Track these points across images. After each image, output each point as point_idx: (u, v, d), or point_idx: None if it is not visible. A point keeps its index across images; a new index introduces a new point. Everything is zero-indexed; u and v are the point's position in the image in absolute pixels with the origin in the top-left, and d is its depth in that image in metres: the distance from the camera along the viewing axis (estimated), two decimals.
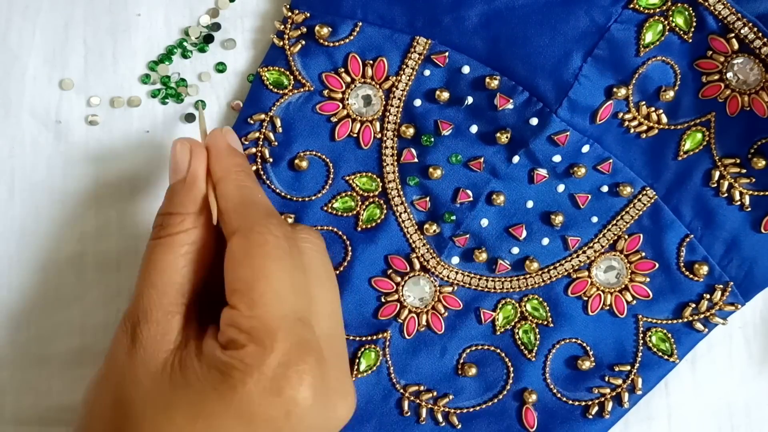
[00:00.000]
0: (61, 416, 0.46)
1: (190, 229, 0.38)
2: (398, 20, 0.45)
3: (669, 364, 0.46)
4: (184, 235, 0.38)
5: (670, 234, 0.46)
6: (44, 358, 0.46)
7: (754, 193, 0.45)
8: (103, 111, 0.47)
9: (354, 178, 0.46)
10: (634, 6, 0.43)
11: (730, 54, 0.43)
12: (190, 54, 0.47)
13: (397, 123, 0.45)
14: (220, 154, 0.40)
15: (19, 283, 0.46)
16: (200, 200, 0.39)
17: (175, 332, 0.37)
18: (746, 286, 0.46)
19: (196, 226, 0.38)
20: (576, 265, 0.46)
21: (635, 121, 0.45)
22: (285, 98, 0.45)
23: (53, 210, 0.46)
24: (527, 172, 0.45)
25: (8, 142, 0.46)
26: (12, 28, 0.46)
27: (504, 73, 0.44)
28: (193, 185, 0.39)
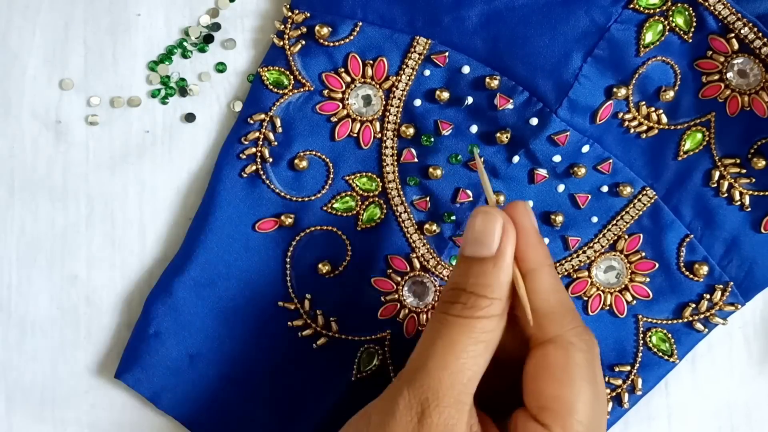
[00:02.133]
0: (59, 415, 0.46)
1: (495, 316, 0.35)
2: (398, 20, 0.45)
3: (669, 364, 0.46)
4: (487, 321, 0.35)
5: (670, 234, 0.46)
6: (46, 358, 0.46)
7: (754, 193, 0.45)
8: (103, 111, 0.47)
9: (354, 178, 0.46)
10: (634, 6, 0.43)
11: (730, 54, 0.43)
12: (190, 54, 0.47)
13: (397, 123, 0.45)
14: (531, 238, 0.36)
15: (19, 283, 0.46)
16: (508, 286, 0.35)
17: (464, 424, 0.34)
18: (746, 286, 0.46)
19: (502, 314, 0.35)
20: (576, 265, 0.46)
21: (635, 121, 0.45)
22: (285, 98, 0.45)
23: (53, 210, 0.46)
24: (527, 172, 0.45)
25: (8, 142, 0.46)
26: (12, 28, 0.46)
27: (504, 73, 0.44)
28: (503, 268, 0.35)
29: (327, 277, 0.46)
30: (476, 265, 0.35)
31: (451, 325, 0.35)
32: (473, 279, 0.35)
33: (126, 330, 0.46)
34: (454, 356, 0.34)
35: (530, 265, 0.36)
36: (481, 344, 0.35)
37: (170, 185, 0.47)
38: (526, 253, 0.36)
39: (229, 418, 0.45)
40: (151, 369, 0.45)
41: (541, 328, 0.35)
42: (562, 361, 0.34)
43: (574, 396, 0.34)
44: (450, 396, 0.34)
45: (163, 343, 0.45)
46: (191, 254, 0.45)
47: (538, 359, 0.35)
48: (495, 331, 0.35)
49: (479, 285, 0.35)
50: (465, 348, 0.34)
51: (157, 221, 0.47)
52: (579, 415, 0.34)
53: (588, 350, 0.35)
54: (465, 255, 0.36)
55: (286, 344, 0.46)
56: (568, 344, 0.34)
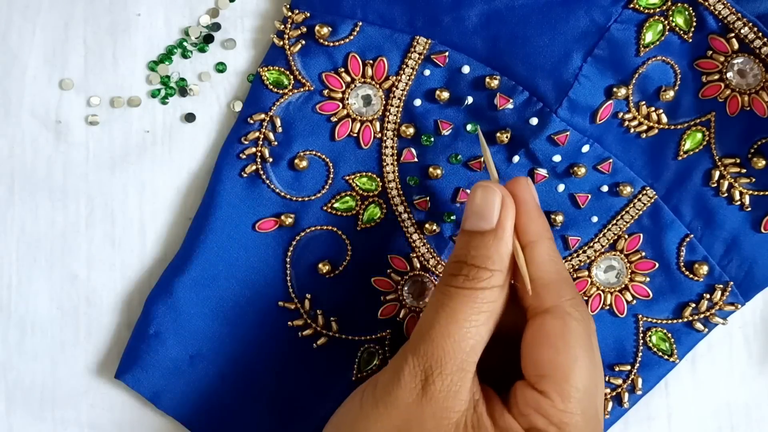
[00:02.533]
0: (59, 415, 0.46)
1: (496, 287, 0.36)
2: (398, 20, 0.45)
3: (669, 364, 0.46)
4: (489, 291, 0.36)
5: (670, 234, 0.46)
6: (46, 358, 0.46)
7: (754, 193, 0.45)
8: (103, 111, 0.47)
9: (354, 177, 0.46)
10: (634, 6, 0.43)
11: (730, 54, 0.43)
12: (190, 54, 0.47)
13: (397, 123, 0.45)
14: (532, 212, 0.37)
15: (19, 283, 0.46)
16: (508, 257, 0.36)
17: (466, 391, 0.35)
18: (746, 286, 0.46)
19: (503, 285, 0.36)
20: (576, 265, 0.46)
21: (635, 120, 0.45)
22: (285, 98, 0.45)
23: (53, 210, 0.46)
24: (527, 171, 0.45)
25: (8, 142, 0.46)
26: (12, 28, 0.46)
27: (504, 73, 0.44)
28: (503, 240, 0.36)
29: (327, 277, 0.46)
30: (477, 238, 0.37)
31: (454, 297, 0.36)
32: (474, 252, 0.36)
33: (126, 330, 0.46)
34: (457, 326, 0.35)
35: (530, 237, 0.37)
36: (484, 314, 0.36)
37: (170, 185, 0.47)
38: (525, 226, 0.37)
39: (228, 418, 0.45)
40: (151, 369, 0.45)
41: (538, 298, 0.36)
42: (559, 330, 0.35)
43: (570, 363, 0.34)
44: (453, 363, 0.35)
45: (163, 343, 0.45)
46: (191, 254, 0.45)
47: (535, 329, 0.36)
48: (497, 302, 0.36)
49: (480, 257, 0.36)
50: (467, 318, 0.35)
51: (157, 221, 0.47)
52: (576, 382, 0.34)
53: (584, 321, 0.35)
54: (466, 229, 0.37)
55: (287, 344, 0.46)
56: (564, 314, 0.35)
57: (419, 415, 0.35)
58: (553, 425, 0.34)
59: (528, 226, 0.37)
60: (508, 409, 0.35)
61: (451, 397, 0.35)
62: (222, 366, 0.45)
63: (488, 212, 0.37)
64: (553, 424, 0.34)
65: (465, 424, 0.35)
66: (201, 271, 0.45)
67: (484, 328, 0.36)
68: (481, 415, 0.35)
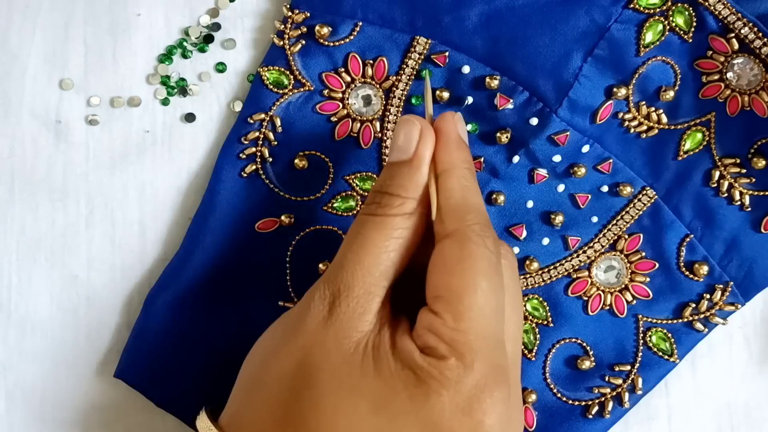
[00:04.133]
0: (59, 415, 0.46)
1: (407, 213, 0.37)
2: (398, 20, 0.45)
3: (669, 364, 0.46)
4: (400, 218, 0.37)
5: (670, 234, 0.46)
6: (46, 358, 0.46)
7: (754, 193, 0.45)
8: (103, 111, 0.47)
9: (354, 177, 0.46)
10: (634, 6, 0.43)
11: (730, 54, 0.43)
12: (190, 54, 0.47)
13: (397, 123, 0.45)
14: (449, 143, 0.38)
15: (19, 283, 0.46)
16: (422, 186, 0.37)
17: (372, 314, 0.36)
18: (746, 286, 0.46)
19: (415, 212, 0.37)
20: (576, 265, 0.46)
21: (635, 121, 0.45)
22: (285, 98, 0.45)
23: (53, 210, 0.46)
24: (527, 171, 0.45)
25: (8, 142, 0.46)
26: (12, 28, 0.46)
27: (504, 73, 0.44)
28: (418, 169, 0.37)
29: None
30: (394, 168, 0.38)
31: (366, 223, 0.37)
32: (389, 180, 0.37)
33: (126, 330, 0.46)
34: (366, 251, 0.36)
35: (443, 165, 0.37)
36: (394, 240, 0.36)
37: (170, 185, 0.47)
38: (441, 156, 0.38)
39: None
40: (150, 368, 0.45)
41: (442, 223, 0.36)
42: (457, 253, 0.35)
43: (465, 284, 0.35)
44: (360, 287, 0.36)
45: (162, 343, 0.45)
46: (191, 254, 0.45)
47: (436, 254, 0.36)
48: (408, 229, 0.37)
49: (394, 185, 0.37)
50: (377, 244, 0.36)
51: (157, 221, 0.47)
52: (469, 303, 0.34)
53: (488, 248, 0.36)
54: (388, 161, 0.38)
55: None
56: (464, 237, 0.35)
57: (323, 335, 0.35)
58: (444, 342, 0.34)
59: (443, 156, 0.38)
60: (411, 332, 0.36)
61: (356, 319, 0.35)
62: (222, 365, 0.45)
63: (407, 144, 0.38)
64: (444, 342, 0.34)
65: (366, 344, 0.35)
66: (201, 270, 0.45)
67: (395, 255, 0.36)
68: (383, 336, 0.35)
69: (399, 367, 0.34)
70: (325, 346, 0.35)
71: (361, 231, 0.37)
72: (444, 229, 0.36)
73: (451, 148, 0.38)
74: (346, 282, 0.36)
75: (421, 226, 0.37)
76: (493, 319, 0.35)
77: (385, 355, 0.35)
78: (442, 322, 0.34)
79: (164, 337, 0.45)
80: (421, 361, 0.34)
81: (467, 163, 0.38)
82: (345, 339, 0.35)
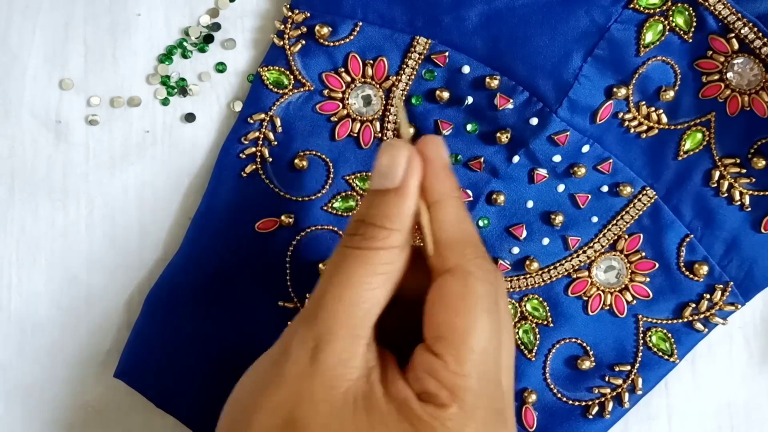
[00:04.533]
0: (59, 415, 0.46)
1: (394, 248, 0.34)
2: (398, 20, 0.45)
3: (669, 364, 0.46)
4: (385, 252, 0.34)
5: (670, 234, 0.46)
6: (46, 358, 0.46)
7: (754, 193, 0.45)
8: (103, 111, 0.47)
9: (354, 177, 0.46)
10: (634, 6, 0.43)
11: (730, 54, 0.43)
12: (190, 54, 0.47)
13: (397, 123, 0.45)
14: (439, 170, 0.35)
15: (19, 283, 0.46)
16: (410, 217, 0.34)
17: (359, 358, 0.33)
18: (746, 286, 0.46)
19: (402, 246, 0.34)
20: (576, 265, 0.46)
21: (635, 121, 0.45)
22: (285, 98, 0.45)
23: (53, 210, 0.46)
24: (527, 172, 0.45)
25: (8, 142, 0.46)
26: (12, 28, 0.46)
27: (504, 73, 0.44)
28: (406, 199, 0.34)
29: None
30: (379, 196, 0.35)
31: (349, 257, 0.34)
32: (374, 210, 0.34)
33: (126, 330, 0.46)
34: (350, 289, 0.33)
35: (435, 196, 0.35)
36: (380, 276, 0.33)
37: (170, 185, 0.47)
38: (431, 185, 0.35)
39: None
40: (150, 368, 0.45)
41: (440, 257, 0.34)
42: (459, 290, 0.33)
43: (468, 324, 0.32)
44: (345, 329, 0.33)
45: (162, 343, 0.45)
46: (191, 254, 0.45)
47: (436, 289, 0.34)
48: (395, 264, 0.34)
49: (379, 216, 0.34)
50: (361, 280, 0.33)
51: (157, 221, 0.47)
52: (473, 344, 0.32)
53: (489, 282, 0.34)
54: (371, 188, 0.35)
55: None
56: (466, 273, 0.33)
57: (309, 386, 0.32)
58: (445, 389, 0.32)
59: (434, 185, 0.35)
60: (404, 374, 0.33)
61: (342, 366, 0.33)
62: (222, 365, 0.45)
63: (393, 170, 0.34)
64: (445, 388, 0.32)
65: (356, 393, 0.33)
66: (201, 270, 0.45)
67: (380, 292, 0.34)
68: (373, 383, 0.33)
69: (394, 419, 0.32)
70: (313, 398, 0.32)
71: (342, 266, 0.33)
72: (443, 264, 0.34)
73: (441, 176, 0.35)
74: (328, 324, 0.33)
75: (407, 259, 0.35)
76: (493, 359, 0.33)
77: (378, 405, 0.32)
78: (444, 364, 0.32)
79: (164, 337, 0.45)
80: (420, 411, 0.32)
81: (457, 191, 0.36)
82: (332, 390, 0.32)
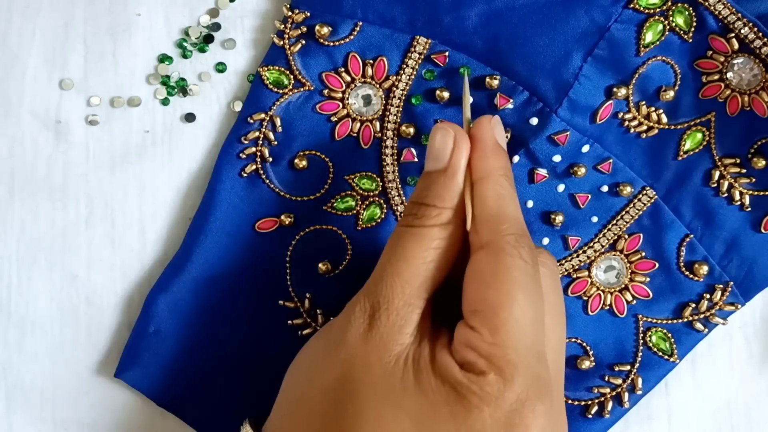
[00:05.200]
0: (59, 415, 0.46)
1: (445, 224, 0.36)
2: (398, 20, 0.45)
3: (669, 364, 0.46)
4: (437, 229, 0.36)
5: (670, 234, 0.46)
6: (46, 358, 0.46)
7: (754, 193, 0.45)
8: (103, 111, 0.47)
9: (354, 177, 0.46)
10: (634, 6, 0.43)
11: (730, 54, 0.43)
12: (190, 54, 0.47)
13: (397, 122, 0.45)
14: (486, 150, 0.37)
15: (19, 283, 0.46)
16: (459, 195, 0.37)
17: (412, 326, 0.35)
18: (746, 286, 0.46)
19: (452, 222, 0.36)
20: (576, 265, 0.46)
21: (635, 121, 0.45)
22: (285, 98, 0.45)
23: (53, 210, 0.46)
24: (527, 171, 0.45)
25: (8, 142, 0.46)
26: (12, 28, 0.46)
27: (504, 73, 0.44)
28: (453, 178, 0.37)
29: (327, 277, 0.46)
30: (431, 177, 0.37)
31: (404, 235, 0.36)
32: (426, 191, 0.37)
33: (126, 330, 0.46)
34: (405, 263, 0.36)
35: (479, 174, 0.37)
36: (432, 251, 0.36)
37: (170, 185, 0.47)
38: (476, 163, 0.37)
39: (229, 415, 0.45)
40: (150, 368, 0.45)
41: (477, 234, 0.36)
42: (491, 266, 0.35)
43: (500, 298, 0.34)
44: (400, 299, 0.35)
45: (162, 342, 0.45)
46: (191, 254, 0.45)
47: (471, 265, 0.36)
48: (446, 240, 0.36)
49: (430, 196, 0.37)
50: (415, 255, 0.36)
51: (157, 221, 0.47)
52: (506, 316, 0.34)
53: (523, 258, 0.35)
54: (425, 171, 0.38)
55: (287, 343, 0.45)
56: (498, 249, 0.35)
57: (365, 348, 0.35)
58: (482, 358, 0.34)
59: (478, 163, 0.37)
60: (450, 346, 0.35)
61: (396, 332, 0.35)
62: (222, 364, 0.45)
63: (442, 153, 0.37)
64: (482, 357, 0.34)
65: (406, 358, 0.35)
66: (201, 270, 0.45)
67: (433, 265, 0.36)
68: (423, 350, 0.35)
69: (439, 383, 0.34)
70: (367, 359, 0.35)
71: (399, 243, 0.36)
72: (479, 240, 0.36)
73: (487, 154, 0.37)
74: (386, 294, 0.35)
75: (460, 236, 0.37)
76: (531, 331, 0.35)
77: (425, 370, 0.34)
78: (479, 336, 0.34)
79: (164, 337, 0.45)
80: (460, 377, 0.34)
81: (503, 169, 0.37)
82: (385, 352, 0.35)
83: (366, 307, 0.36)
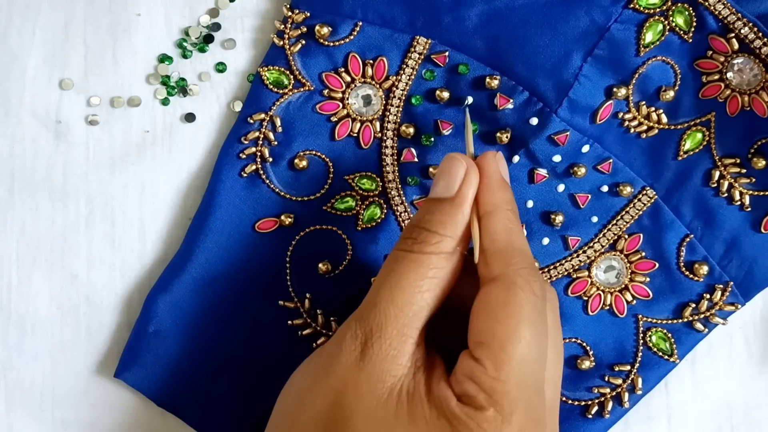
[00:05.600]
0: (59, 415, 0.46)
1: (444, 253, 0.36)
2: (398, 20, 0.45)
3: (669, 364, 0.46)
4: (436, 257, 0.36)
5: (670, 234, 0.46)
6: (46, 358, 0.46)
7: (754, 193, 0.45)
8: (103, 111, 0.47)
9: (354, 177, 0.46)
10: (634, 6, 0.43)
11: (730, 54, 0.43)
12: (190, 54, 0.47)
13: (397, 123, 0.45)
14: (493, 184, 0.37)
15: (19, 283, 0.46)
16: (463, 226, 0.36)
17: (406, 357, 0.35)
18: (746, 286, 0.46)
19: (453, 252, 0.36)
20: (576, 265, 0.46)
21: (635, 121, 0.45)
22: (285, 98, 0.45)
23: (53, 210, 0.46)
24: (527, 171, 0.45)
25: (8, 142, 0.46)
26: (12, 28, 0.46)
27: (504, 73, 0.44)
28: (460, 208, 0.37)
29: (327, 277, 0.46)
30: (436, 204, 0.37)
31: (401, 261, 0.36)
32: (429, 216, 0.37)
33: (126, 330, 0.46)
34: (401, 291, 0.35)
35: (488, 207, 0.37)
36: (430, 280, 0.35)
37: (170, 185, 0.47)
38: (485, 197, 0.37)
39: (229, 415, 0.45)
40: (150, 368, 0.45)
41: (487, 266, 0.36)
42: (502, 299, 0.34)
43: (509, 332, 0.34)
44: (393, 328, 0.35)
45: (162, 342, 0.45)
46: (191, 254, 0.45)
47: (481, 297, 0.35)
48: (444, 269, 0.36)
49: (433, 222, 0.36)
50: (411, 283, 0.35)
51: (157, 221, 0.47)
52: (512, 351, 0.34)
53: (533, 293, 0.35)
54: (429, 197, 0.38)
55: (287, 343, 0.46)
56: (510, 283, 0.35)
57: (356, 377, 0.35)
58: (483, 392, 0.33)
59: (487, 197, 0.37)
60: (447, 377, 0.35)
61: (389, 361, 0.35)
62: (222, 364, 0.45)
63: (451, 181, 0.37)
64: (483, 391, 0.33)
65: (400, 390, 0.34)
66: (201, 270, 0.45)
67: (429, 295, 0.35)
68: (418, 381, 0.35)
69: (434, 416, 0.34)
70: (359, 389, 0.35)
71: (396, 269, 0.36)
72: (489, 273, 0.35)
73: (494, 188, 0.37)
74: (379, 322, 0.35)
75: (459, 267, 0.36)
76: (534, 368, 0.34)
77: (420, 402, 0.34)
78: (483, 369, 0.34)
79: (164, 337, 0.45)
80: (458, 411, 0.33)
81: (510, 204, 0.38)
82: (378, 383, 0.34)
83: (358, 334, 0.35)
